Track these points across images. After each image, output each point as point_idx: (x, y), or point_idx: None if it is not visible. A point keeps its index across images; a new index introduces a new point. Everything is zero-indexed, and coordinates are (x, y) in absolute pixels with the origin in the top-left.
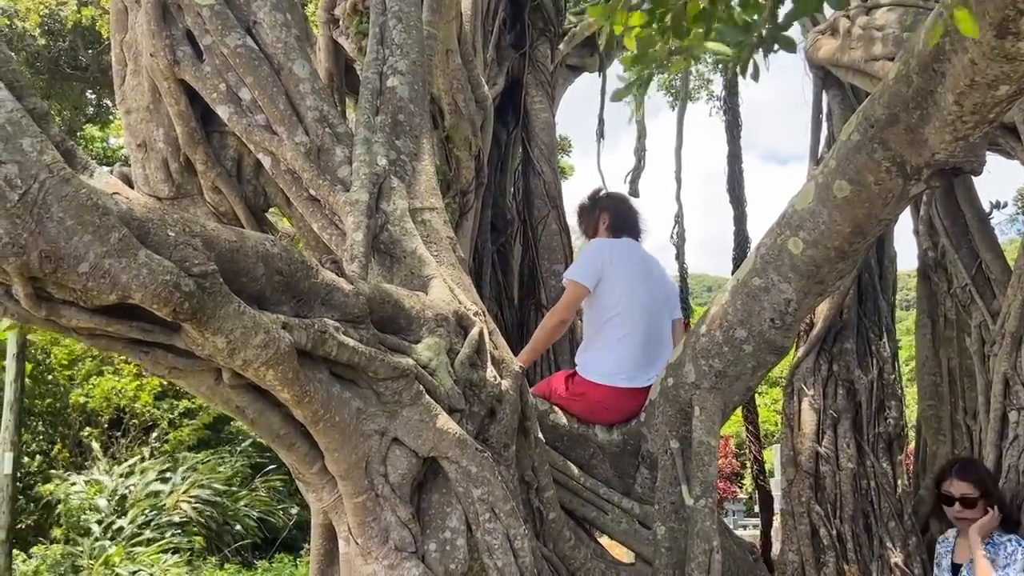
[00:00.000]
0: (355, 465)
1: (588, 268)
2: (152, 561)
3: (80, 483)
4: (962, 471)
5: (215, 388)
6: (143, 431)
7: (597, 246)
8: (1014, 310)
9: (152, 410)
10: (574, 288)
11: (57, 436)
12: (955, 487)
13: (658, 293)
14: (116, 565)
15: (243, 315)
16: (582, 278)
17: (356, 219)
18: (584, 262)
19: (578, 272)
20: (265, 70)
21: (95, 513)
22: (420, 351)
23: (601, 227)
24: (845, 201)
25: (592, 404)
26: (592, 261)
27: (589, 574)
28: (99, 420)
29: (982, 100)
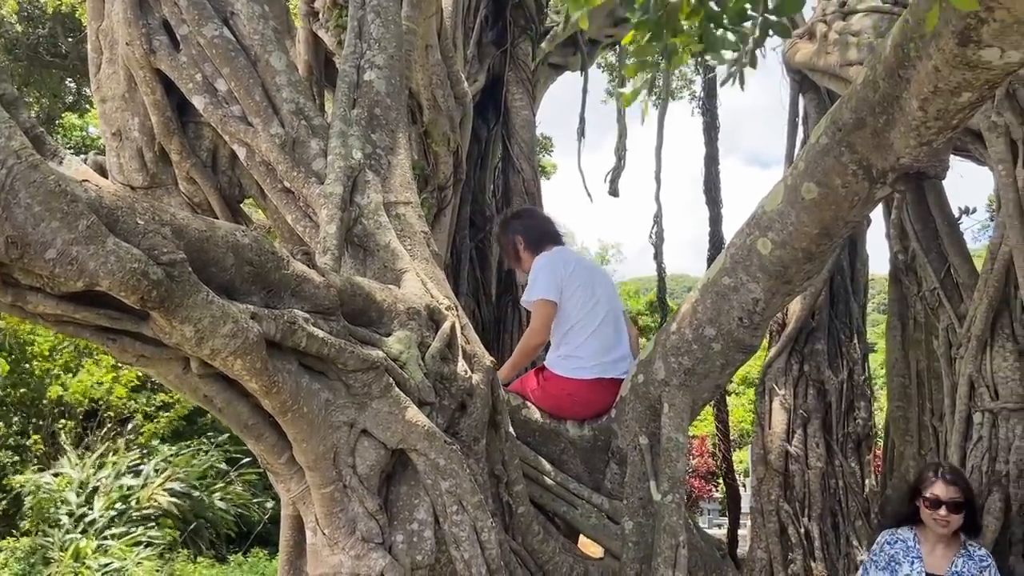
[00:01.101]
0: (323, 456)
1: (551, 283)
2: (123, 554)
3: (49, 475)
4: (952, 476)
5: (183, 377)
6: (119, 423)
7: (547, 262)
8: (980, 314)
9: (128, 403)
10: (545, 307)
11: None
12: (944, 491)
13: (608, 288)
14: (87, 558)
15: (211, 304)
16: (550, 294)
17: (330, 212)
18: (545, 279)
19: (543, 290)
20: (241, 61)
21: (65, 505)
22: (391, 344)
23: (520, 249)
24: (813, 203)
25: (562, 398)
26: (552, 276)
27: (557, 568)
28: (74, 412)
29: (945, 106)
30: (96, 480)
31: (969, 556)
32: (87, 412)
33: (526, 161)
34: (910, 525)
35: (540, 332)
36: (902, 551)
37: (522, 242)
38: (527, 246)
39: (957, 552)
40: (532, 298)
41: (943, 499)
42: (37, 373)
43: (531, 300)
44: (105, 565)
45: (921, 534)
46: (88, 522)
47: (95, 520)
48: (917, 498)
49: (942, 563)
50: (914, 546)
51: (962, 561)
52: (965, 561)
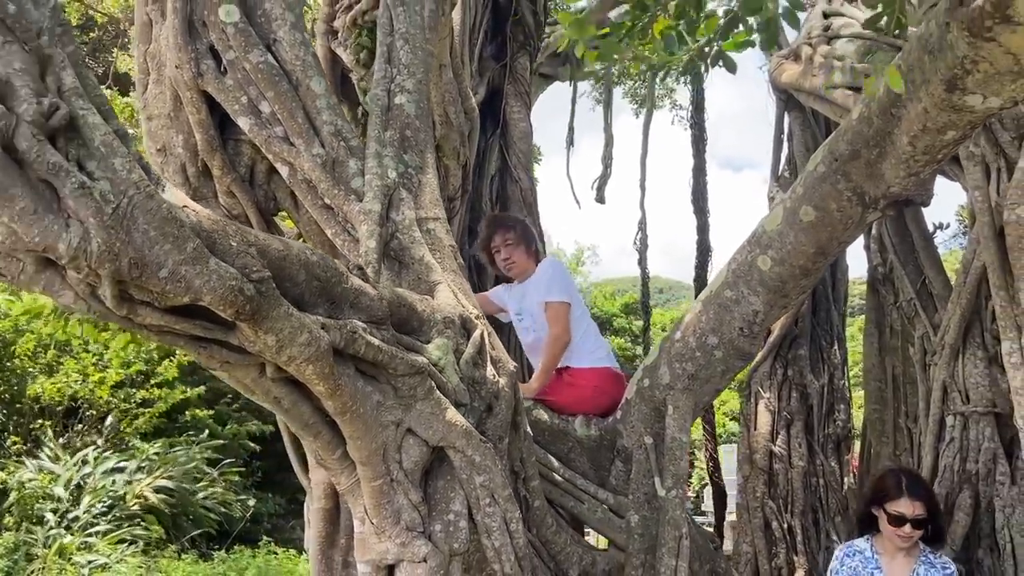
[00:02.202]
0: (374, 452)
1: (570, 286)
2: (108, 551)
3: (33, 471)
4: (915, 489)
5: (258, 381)
6: (99, 420)
7: (559, 264)
8: (953, 324)
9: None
10: (567, 308)
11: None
12: (909, 507)
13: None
14: (72, 554)
15: (291, 316)
16: (569, 296)
17: (369, 227)
18: (563, 281)
19: (565, 291)
20: (284, 85)
21: (49, 502)
22: (431, 350)
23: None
24: (810, 225)
25: (589, 390)
26: (567, 278)
27: (568, 558)
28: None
29: (932, 143)
30: (80, 477)
31: (931, 564)
32: (67, 410)
33: (523, 171)
34: (867, 534)
35: (566, 332)
36: (860, 563)
37: (524, 244)
38: (528, 249)
39: (917, 559)
40: (556, 299)
41: (908, 517)
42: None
43: (555, 301)
44: (90, 562)
45: (879, 544)
46: (72, 518)
47: (79, 517)
48: (877, 508)
49: (903, 572)
50: (872, 557)
51: (924, 568)
52: (927, 569)
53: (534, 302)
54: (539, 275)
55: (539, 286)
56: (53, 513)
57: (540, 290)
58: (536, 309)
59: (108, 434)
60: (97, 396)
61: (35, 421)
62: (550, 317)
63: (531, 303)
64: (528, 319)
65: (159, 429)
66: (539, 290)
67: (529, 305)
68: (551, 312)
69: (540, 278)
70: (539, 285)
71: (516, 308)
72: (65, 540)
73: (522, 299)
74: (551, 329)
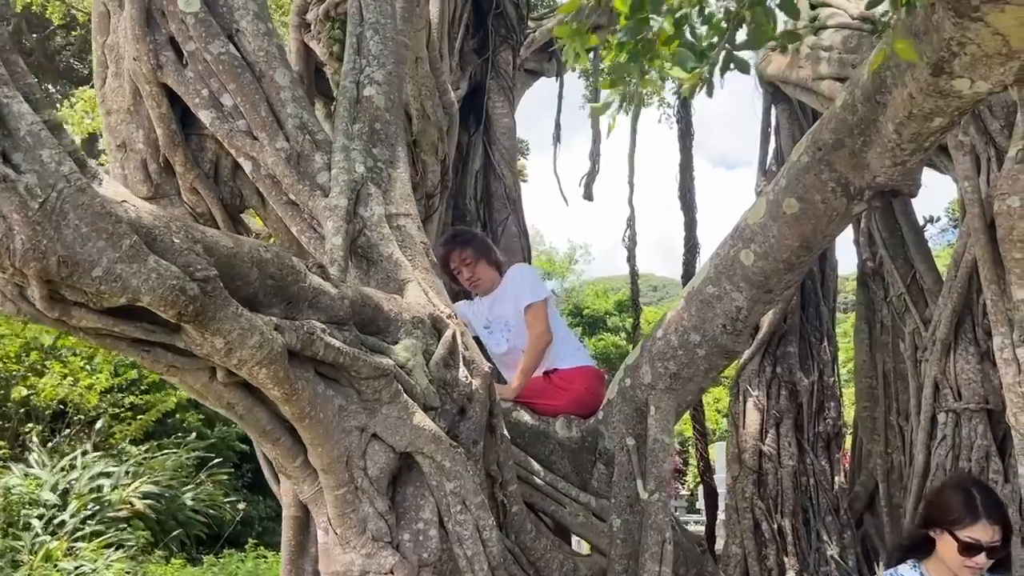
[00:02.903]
0: (337, 459)
1: (543, 286)
2: (95, 556)
3: (19, 476)
4: (993, 510)
5: (209, 385)
6: (86, 425)
7: (525, 268)
8: (944, 319)
9: (97, 404)
10: (544, 306)
11: None
12: (987, 532)
13: None
14: (58, 560)
15: (240, 317)
16: (545, 295)
17: (335, 224)
18: (537, 282)
19: (541, 292)
20: (247, 77)
21: (36, 507)
22: (398, 352)
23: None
24: (794, 217)
25: (583, 392)
26: (539, 280)
27: (548, 564)
28: (42, 414)
29: (919, 130)
30: (67, 482)
31: None
32: (54, 414)
33: (507, 168)
34: (912, 559)
35: (548, 332)
36: None
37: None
38: (488, 261)
39: None
40: (535, 300)
41: (985, 544)
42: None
43: (535, 301)
44: (76, 568)
45: (933, 572)
46: (58, 524)
47: (65, 522)
48: (940, 531)
49: None
50: None
51: None
52: None
53: (508, 310)
54: (509, 282)
55: (512, 293)
56: (39, 519)
57: (515, 296)
58: (512, 317)
59: (97, 439)
60: (86, 400)
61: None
62: (530, 318)
63: (503, 311)
64: (500, 329)
65: (148, 432)
66: (515, 297)
67: (501, 314)
68: (531, 313)
69: (512, 285)
70: (512, 292)
71: (484, 321)
72: (51, 546)
73: (491, 310)
74: (533, 329)
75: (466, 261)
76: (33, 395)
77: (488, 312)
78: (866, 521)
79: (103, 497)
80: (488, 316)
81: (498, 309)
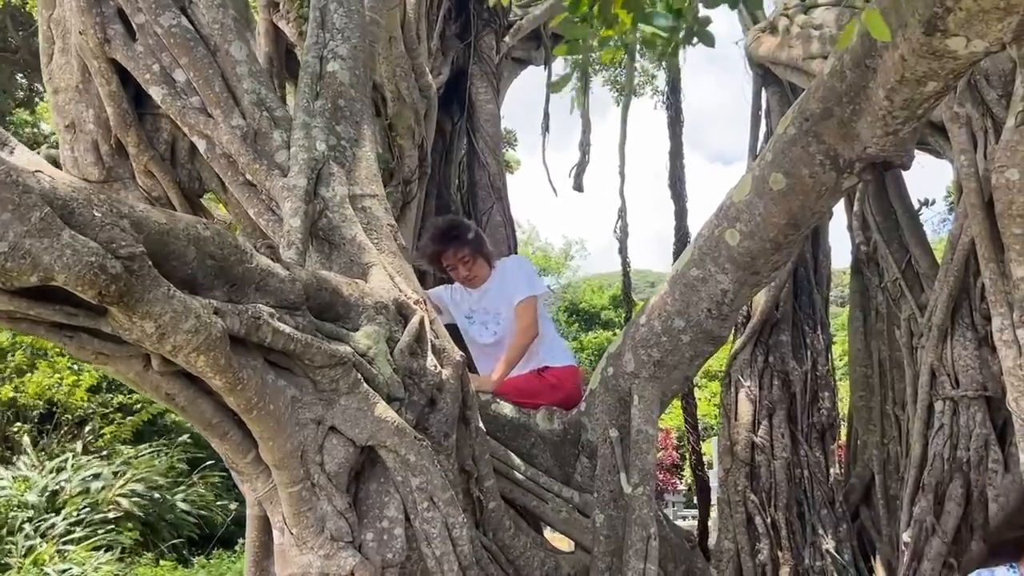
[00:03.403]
0: (290, 454)
1: (540, 281)
2: (83, 559)
3: (8, 479)
4: None
5: (144, 375)
6: (76, 425)
7: (524, 261)
8: (941, 303)
9: (85, 404)
10: (535, 301)
11: None
12: None
13: None
14: (46, 564)
15: (172, 299)
16: (539, 290)
17: (293, 205)
18: (535, 276)
19: (538, 287)
20: (200, 51)
21: (25, 510)
22: (358, 339)
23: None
24: (780, 193)
25: (575, 390)
26: (535, 273)
27: (529, 563)
28: (29, 415)
29: (911, 96)
30: (56, 484)
31: None
32: (42, 414)
33: (491, 155)
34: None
35: (534, 326)
36: None
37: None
38: (484, 256)
39: None
40: (529, 294)
41: None
42: None
43: (526, 296)
44: (65, 571)
45: None
46: (48, 526)
47: (55, 524)
48: None
49: None
50: None
51: None
52: None
53: (500, 302)
54: (506, 274)
55: (510, 285)
56: (29, 522)
57: (511, 289)
58: (505, 309)
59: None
60: (73, 400)
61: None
62: (520, 310)
63: (494, 302)
64: (487, 320)
65: (138, 433)
66: (511, 289)
67: (491, 306)
68: (523, 306)
69: (509, 277)
70: (510, 284)
71: (466, 310)
72: (41, 549)
73: (480, 299)
74: (521, 321)
75: (464, 259)
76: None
77: (475, 302)
78: (862, 514)
79: (93, 499)
80: (474, 306)
81: (488, 301)
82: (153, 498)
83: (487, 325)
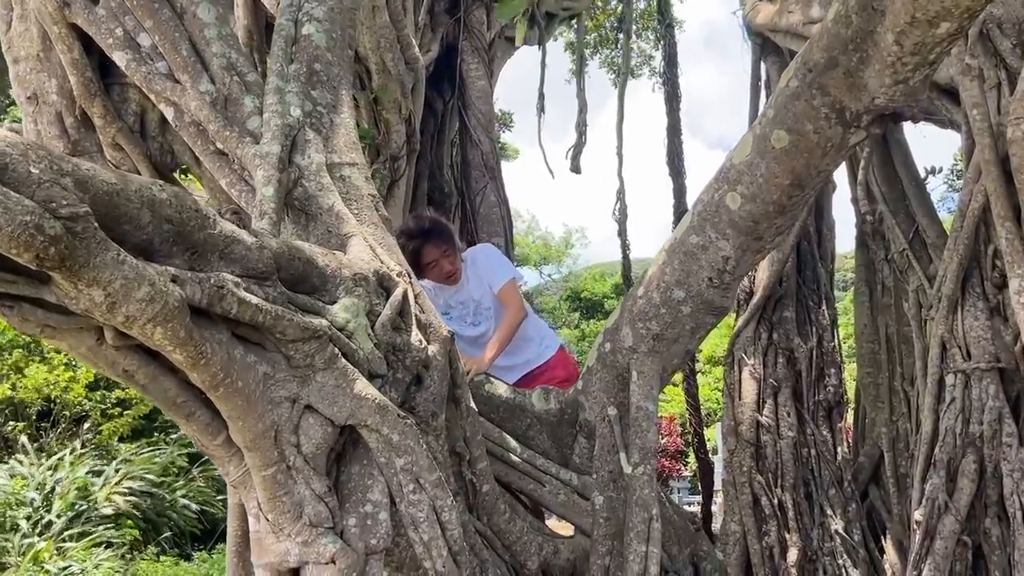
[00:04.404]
0: (262, 435)
1: (511, 264)
2: (83, 556)
3: (5, 476)
4: None
5: (97, 350)
6: (74, 422)
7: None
8: (950, 273)
9: (83, 400)
10: (516, 283)
11: None
12: None
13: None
14: (45, 561)
15: (123, 265)
16: (516, 273)
17: (266, 173)
18: (505, 261)
19: (512, 270)
20: (166, 13)
21: (22, 508)
22: (336, 312)
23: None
24: (783, 152)
25: (575, 371)
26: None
27: (525, 547)
28: (27, 412)
29: (922, 39)
30: (54, 481)
31: None
32: (40, 412)
33: (484, 133)
34: None
35: (523, 307)
36: None
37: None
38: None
39: None
40: (510, 279)
41: None
42: None
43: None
44: (64, 568)
45: None
46: (46, 524)
47: (53, 522)
48: None
49: None
50: None
51: None
52: None
53: (479, 291)
54: (479, 263)
55: (485, 273)
56: (27, 519)
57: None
58: (486, 297)
59: (85, 437)
60: (71, 397)
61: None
62: (505, 295)
63: (474, 293)
64: (466, 314)
65: (137, 430)
66: (492, 276)
67: (470, 296)
68: (506, 289)
69: (484, 265)
70: (485, 272)
71: (443, 305)
72: (39, 546)
73: (457, 293)
74: (511, 305)
75: (447, 254)
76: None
77: (451, 297)
78: (871, 493)
79: (91, 496)
80: (450, 301)
81: (466, 293)
82: (152, 494)
83: (466, 318)
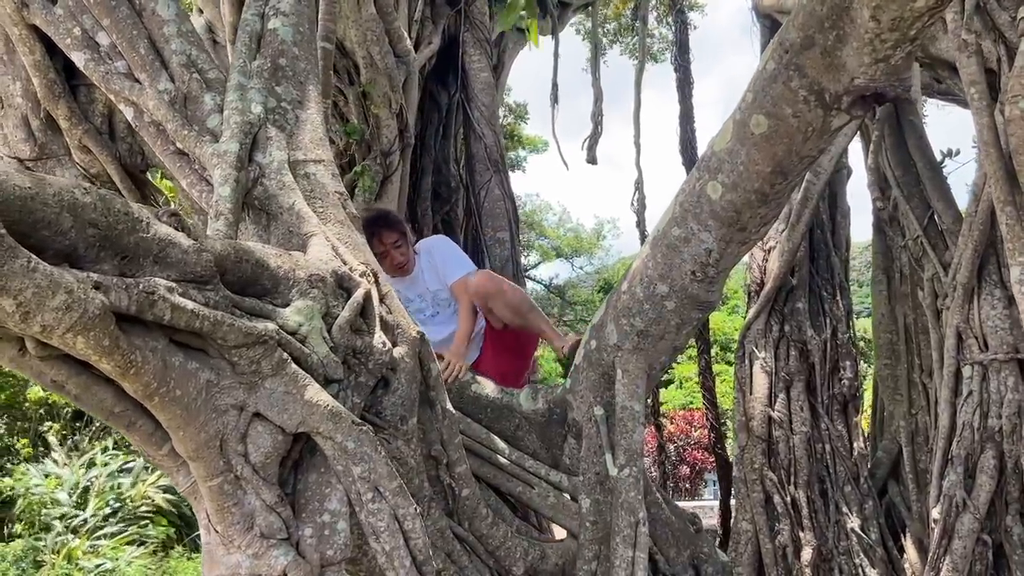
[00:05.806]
0: (205, 444)
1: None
2: (116, 554)
3: (39, 476)
4: None
5: (20, 360)
6: None
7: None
8: (965, 260)
9: None
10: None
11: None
12: None
13: None
14: (79, 559)
15: (35, 272)
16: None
17: (224, 172)
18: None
19: (468, 263)
20: (124, 11)
21: (56, 507)
22: (288, 315)
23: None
24: (763, 137)
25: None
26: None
27: (510, 553)
28: (61, 412)
29: (899, 14)
30: (87, 480)
31: None
32: (74, 412)
33: (487, 126)
34: None
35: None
36: None
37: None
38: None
39: None
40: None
41: None
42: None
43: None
44: (97, 566)
45: None
46: (79, 522)
47: (87, 520)
48: None
49: None
50: None
51: None
52: None
53: (435, 283)
54: (435, 253)
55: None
56: (60, 518)
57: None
58: (442, 290)
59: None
60: None
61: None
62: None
63: (428, 285)
64: (424, 307)
65: None
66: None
67: (426, 288)
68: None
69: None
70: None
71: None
72: (72, 544)
73: (412, 285)
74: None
75: (397, 243)
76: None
77: (407, 288)
78: (890, 490)
79: (123, 494)
80: (407, 293)
81: (422, 285)
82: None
83: (425, 310)
